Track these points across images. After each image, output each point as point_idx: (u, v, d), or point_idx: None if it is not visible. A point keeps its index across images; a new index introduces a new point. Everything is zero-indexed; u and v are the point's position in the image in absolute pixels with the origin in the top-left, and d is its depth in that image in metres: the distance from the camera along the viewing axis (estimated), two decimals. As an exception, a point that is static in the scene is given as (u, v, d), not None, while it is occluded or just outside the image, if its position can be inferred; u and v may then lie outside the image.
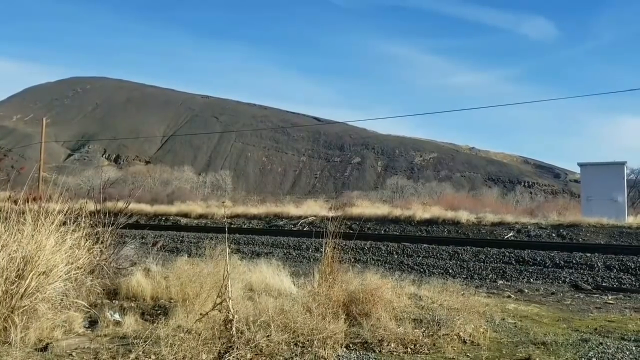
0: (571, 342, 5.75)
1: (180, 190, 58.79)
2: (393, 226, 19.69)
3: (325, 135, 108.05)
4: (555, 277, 11.49)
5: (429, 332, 5.91)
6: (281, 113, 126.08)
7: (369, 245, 15.39)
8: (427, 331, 5.95)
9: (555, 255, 12.66)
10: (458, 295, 9.15)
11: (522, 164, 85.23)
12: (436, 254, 13.99)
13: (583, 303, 8.83)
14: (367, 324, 5.79)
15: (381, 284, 6.89)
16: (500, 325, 6.61)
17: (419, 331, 5.91)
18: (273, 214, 23.68)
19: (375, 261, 14.05)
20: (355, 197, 51.45)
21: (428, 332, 5.93)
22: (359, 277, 8.02)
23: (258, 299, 6.60)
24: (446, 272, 12.67)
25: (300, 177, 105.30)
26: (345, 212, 22.16)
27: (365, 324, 5.76)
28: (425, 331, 5.94)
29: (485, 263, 12.93)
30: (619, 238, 15.07)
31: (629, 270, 11.35)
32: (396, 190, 74.30)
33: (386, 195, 62.94)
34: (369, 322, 5.91)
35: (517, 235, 16.70)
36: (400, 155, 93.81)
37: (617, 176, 17.98)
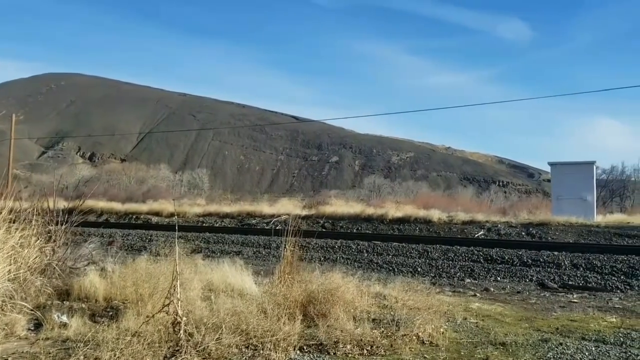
0: (531, 342, 5.65)
1: (155, 188, 58.03)
2: (366, 225, 19.59)
3: (304, 134, 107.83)
4: (523, 276, 11.48)
5: (388, 333, 5.76)
6: (259, 112, 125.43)
7: (340, 244, 15.25)
8: (386, 332, 5.80)
9: (523, 253, 12.67)
10: (422, 294, 9.06)
11: (497, 163, 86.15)
12: (406, 253, 13.91)
13: (548, 302, 8.79)
14: (324, 325, 5.63)
15: (341, 284, 6.72)
16: (462, 325, 6.49)
17: (377, 332, 5.77)
18: (246, 213, 23.41)
19: (345, 260, 13.92)
20: (332, 196, 51.37)
21: (387, 332, 5.78)
22: (324, 276, 7.86)
23: (216, 299, 6.39)
24: (415, 270, 12.58)
25: (278, 176, 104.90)
26: (318, 210, 22.01)
27: (321, 325, 5.59)
28: (384, 332, 5.80)
29: (454, 261, 12.88)
30: (587, 237, 15.17)
31: (595, 268, 11.39)
32: (373, 189, 74.41)
33: (363, 194, 63.00)
34: (326, 323, 5.75)
35: (488, 233, 16.73)
36: (378, 155, 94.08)
37: (586, 176, 18.15)
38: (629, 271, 11.04)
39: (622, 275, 10.97)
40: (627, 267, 11.19)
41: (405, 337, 5.69)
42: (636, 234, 14.70)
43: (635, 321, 6.97)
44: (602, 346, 5.54)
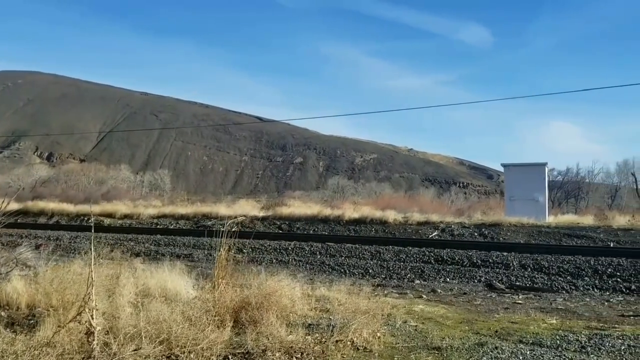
0: (467, 346, 5.53)
1: (115, 189, 56.66)
2: (322, 226, 19.41)
3: (268, 135, 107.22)
4: (471, 277, 11.47)
5: (322, 339, 5.55)
6: (223, 112, 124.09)
7: (294, 246, 15.02)
8: (321, 337, 5.59)
9: (474, 254, 12.69)
10: (367, 297, 8.91)
11: (457, 165, 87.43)
12: (359, 254, 13.77)
13: (493, 303, 8.75)
14: (254, 331, 5.38)
15: (277, 288, 6.48)
16: (400, 329, 6.33)
17: (311, 338, 5.56)
18: (202, 214, 22.92)
19: (297, 262, 13.70)
20: (296, 197, 51.07)
21: (321, 338, 5.57)
22: (261, 279, 7.62)
23: (147, 305, 6.05)
24: (366, 272, 12.44)
25: (242, 177, 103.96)
26: (275, 212, 21.72)
27: (249, 332, 5.34)
28: (318, 338, 5.59)
29: (405, 262, 12.81)
30: (538, 237, 15.35)
31: (543, 269, 11.47)
32: (337, 190, 74.35)
33: (327, 195, 62.93)
34: (257, 329, 5.50)
35: (442, 234, 16.77)
36: (342, 156, 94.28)
37: (538, 177, 18.40)
38: (575, 272, 11.15)
39: (569, 275, 11.07)
40: (574, 267, 11.30)
41: (339, 342, 5.49)
42: (585, 235, 14.95)
43: (574, 323, 6.95)
44: (538, 350, 5.45)
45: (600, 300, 9.20)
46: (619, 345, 5.53)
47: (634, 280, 10.47)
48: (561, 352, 5.37)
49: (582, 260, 11.54)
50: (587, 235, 14.90)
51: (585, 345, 5.55)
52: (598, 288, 10.32)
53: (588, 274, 10.96)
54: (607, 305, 8.60)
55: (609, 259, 11.41)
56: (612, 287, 10.28)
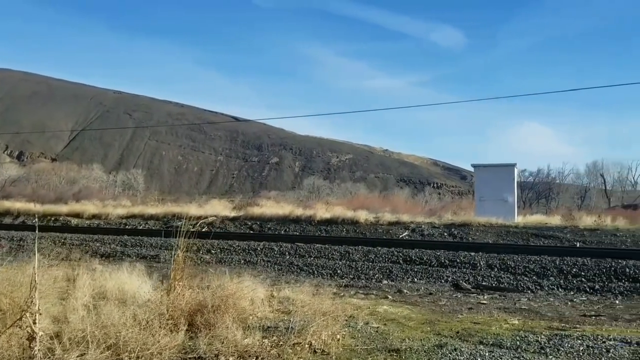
0: (427, 348, 5.45)
1: (87, 189, 55.65)
2: (294, 226, 19.26)
3: (244, 134, 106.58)
4: (439, 277, 11.46)
5: (280, 342, 5.42)
6: (198, 111, 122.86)
7: (263, 246, 14.84)
8: (278, 340, 5.45)
9: (442, 254, 12.70)
10: (332, 297, 8.81)
11: (431, 165, 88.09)
12: (328, 254, 13.67)
13: (457, 303, 8.73)
14: (206, 335, 5.21)
15: (236, 290, 6.33)
16: (361, 331, 6.22)
17: (268, 341, 5.41)
18: (172, 214, 22.56)
19: (265, 262, 13.53)
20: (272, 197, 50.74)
21: (279, 341, 5.43)
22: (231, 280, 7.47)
23: (102, 308, 5.84)
24: (335, 272, 12.35)
25: (217, 177, 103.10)
26: (247, 212, 21.50)
27: (202, 336, 5.17)
28: (275, 340, 5.45)
29: (374, 263, 12.75)
30: (506, 237, 15.46)
31: (509, 269, 11.52)
32: (313, 191, 74.26)
33: (303, 195, 62.80)
34: (211, 333, 5.34)
35: (412, 234, 16.77)
36: (318, 156, 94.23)
37: (507, 177, 18.56)
38: (540, 271, 11.22)
39: (534, 275, 11.14)
40: (540, 267, 11.37)
41: (297, 345, 5.36)
42: (552, 235, 15.10)
43: (536, 323, 6.94)
44: (497, 351, 5.39)
45: (564, 300, 9.26)
46: (577, 346, 5.51)
47: (598, 280, 10.57)
48: (520, 353, 5.33)
49: (548, 260, 11.63)
50: (554, 235, 15.05)
51: (544, 346, 5.52)
52: (562, 288, 10.39)
53: (553, 273, 11.04)
54: (570, 305, 8.65)
55: (574, 259, 11.52)
56: (577, 287, 10.37)
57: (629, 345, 5.62)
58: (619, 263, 11.02)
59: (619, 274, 10.65)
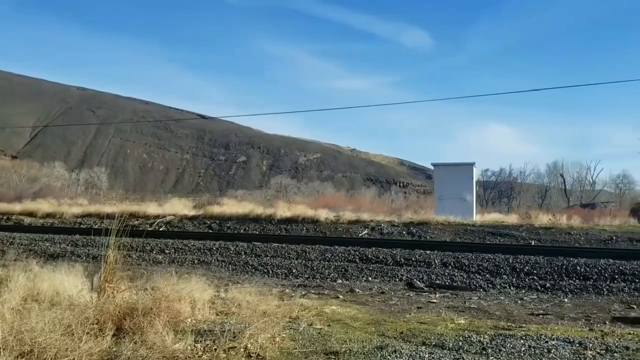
0: (367, 350, 5.28)
1: (48, 188, 54.14)
2: (253, 225, 18.97)
3: (211, 133, 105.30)
4: (393, 275, 11.38)
5: (214, 346, 5.17)
6: (164, 109, 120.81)
7: (219, 245, 14.53)
8: (212, 344, 5.20)
9: (398, 252, 12.62)
10: (281, 298, 8.60)
11: (398, 165, 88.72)
12: (284, 254, 13.45)
13: (408, 302, 8.63)
14: (132, 341, 4.93)
15: (169, 292, 6.05)
16: (303, 333, 6.02)
17: (200, 345, 5.16)
18: (129, 213, 21.95)
19: (220, 262, 13.24)
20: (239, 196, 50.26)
21: (212, 345, 5.19)
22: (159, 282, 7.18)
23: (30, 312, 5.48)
24: (290, 272, 12.14)
25: (183, 176, 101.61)
26: (206, 211, 21.10)
27: (127, 342, 4.89)
28: (209, 345, 5.20)
29: (330, 262, 12.59)
30: (463, 235, 15.51)
31: (463, 267, 11.51)
32: (280, 190, 73.96)
33: (270, 195, 62.45)
34: (140, 338, 5.06)
35: (371, 233, 16.70)
36: (285, 155, 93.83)
37: (466, 176, 18.67)
38: (494, 270, 11.24)
39: (488, 273, 11.15)
40: (493, 265, 11.39)
41: (231, 350, 5.13)
42: (508, 233, 15.22)
43: (483, 322, 6.87)
44: (438, 352, 5.26)
45: (514, 298, 9.26)
46: (519, 347, 5.42)
47: (549, 278, 10.64)
48: (461, 354, 5.21)
49: (502, 258, 11.66)
50: (510, 233, 15.17)
51: (486, 347, 5.42)
52: (514, 286, 10.42)
53: (506, 272, 11.07)
54: (519, 304, 8.64)
55: (527, 257, 11.59)
56: (528, 285, 10.41)
57: (570, 345, 5.56)
58: (570, 261, 11.12)
59: (570, 272, 10.74)
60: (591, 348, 5.37)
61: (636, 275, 10.28)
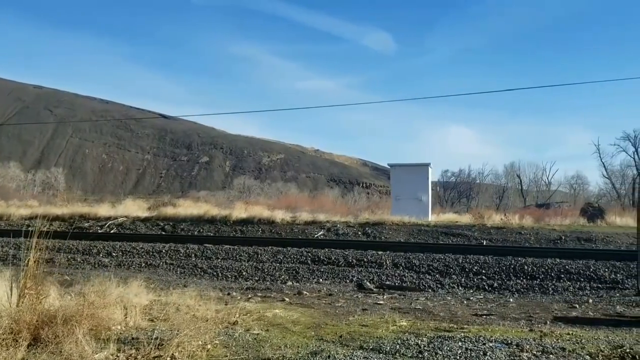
0: (300, 356, 5.10)
1: (3, 189, 52.20)
2: (208, 226, 18.57)
3: (172, 133, 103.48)
4: (344, 277, 11.27)
5: (138, 355, 4.90)
6: (125, 108, 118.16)
7: (168, 248, 14.13)
8: (137, 354, 4.93)
9: (350, 253, 12.51)
10: (225, 301, 8.36)
11: (361, 166, 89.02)
12: (236, 256, 13.18)
13: (354, 304, 8.49)
14: (47, 350, 4.63)
15: (94, 299, 5.73)
16: (238, 339, 5.79)
17: (124, 355, 4.89)
18: (79, 215, 21.26)
19: (168, 265, 12.89)
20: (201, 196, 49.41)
21: (137, 354, 4.92)
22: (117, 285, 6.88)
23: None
24: (240, 274, 11.90)
25: (144, 176, 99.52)
26: (160, 212, 20.58)
27: (39, 352, 4.58)
28: (133, 354, 4.92)
29: (282, 263, 12.39)
30: (417, 236, 15.53)
31: (414, 267, 11.48)
32: (243, 190, 73.27)
33: (233, 195, 61.76)
34: (55, 348, 4.76)
35: (327, 233, 16.56)
36: (249, 156, 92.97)
37: (422, 176, 18.73)
38: (444, 269, 11.24)
39: (437, 274, 11.14)
40: (443, 265, 11.39)
41: (158, 358, 4.87)
42: (460, 233, 15.31)
43: (425, 324, 6.78)
44: (374, 356, 5.12)
45: (461, 298, 9.24)
46: (456, 349, 5.33)
47: (497, 278, 10.69)
48: (397, 358, 5.09)
49: (452, 258, 11.68)
50: (462, 233, 15.26)
51: (423, 350, 5.31)
52: (463, 286, 10.43)
53: (456, 271, 11.09)
54: (465, 304, 8.61)
55: (477, 257, 11.63)
56: (476, 285, 10.44)
57: (508, 347, 5.50)
58: (518, 261, 11.21)
59: (517, 271, 10.82)
60: (528, 350, 5.32)
61: (581, 275, 10.43)
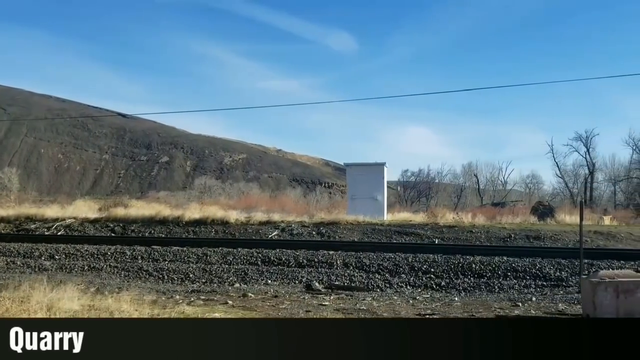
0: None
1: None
2: (160, 227, 18.06)
3: (132, 132, 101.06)
4: (294, 277, 11.10)
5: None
6: (82, 107, 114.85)
7: (114, 250, 13.66)
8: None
9: (301, 254, 12.34)
10: (163, 306, 8.06)
11: (323, 166, 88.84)
12: (184, 258, 12.84)
13: (299, 306, 8.31)
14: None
15: (8, 306, 5.39)
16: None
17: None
18: (25, 217, 20.42)
19: (112, 268, 12.46)
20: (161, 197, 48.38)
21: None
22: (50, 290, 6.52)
23: None
24: (187, 277, 11.59)
25: (102, 177, 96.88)
26: (110, 213, 19.94)
27: None
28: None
29: (231, 265, 12.14)
30: (371, 235, 15.46)
31: (364, 267, 11.40)
32: (204, 191, 72.05)
33: (194, 196, 60.72)
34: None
35: (281, 234, 16.32)
36: (210, 156, 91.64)
37: (377, 176, 18.70)
38: (393, 269, 11.19)
39: (387, 273, 11.08)
40: (393, 264, 11.34)
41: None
42: (413, 232, 15.32)
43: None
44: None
45: (408, 298, 9.17)
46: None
47: (445, 277, 10.70)
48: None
49: (402, 257, 11.63)
50: (415, 232, 15.27)
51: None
52: (411, 285, 10.40)
53: (405, 271, 11.05)
54: (410, 304, 8.54)
55: (426, 256, 11.61)
56: (424, 284, 10.41)
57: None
58: (467, 259, 11.24)
59: (465, 270, 10.85)
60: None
61: (527, 272, 10.53)
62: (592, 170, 44.92)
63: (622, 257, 11.14)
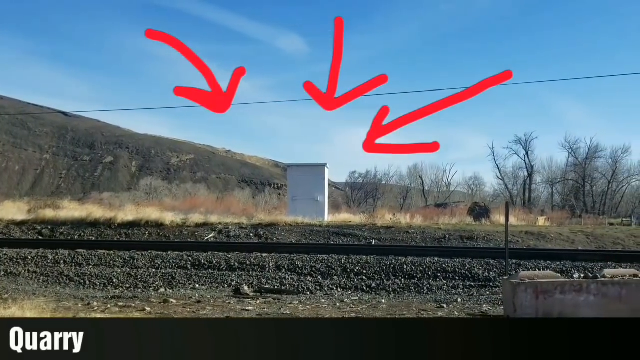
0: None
1: None
2: (90, 230, 17.25)
3: (74, 131, 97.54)
4: (223, 281, 10.75)
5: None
6: (21, 104, 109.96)
7: (35, 254, 12.89)
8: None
9: (233, 257, 11.99)
10: (75, 312, 7.62)
11: (273, 167, 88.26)
12: (110, 262, 12.25)
13: (221, 312, 7.99)
14: None
15: None
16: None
17: None
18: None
19: (31, 273, 11.76)
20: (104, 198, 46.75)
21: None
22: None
23: None
24: (110, 282, 11.05)
25: (42, 177, 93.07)
26: (38, 215, 18.94)
27: None
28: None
29: (159, 269, 11.66)
30: (309, 236, 15.24)
31: (296, 269, 11.17)
32: (150, 192, 70.35)
33: (139, 197, 59.12)
34: None
35: (218, 236, 15.87)
36: (157, 156, 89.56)
37: (318, 177, 18.52)
38: (326, 271, 11.02)
39: (320, 275, 10.90)
40: (326, 266, 11.17)
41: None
42: (351, 233, 15.20)
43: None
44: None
45: (336, 300, 8.99)
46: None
47: (377, 278, 10.60)
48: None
49: (336, 259, 11.47)
50: (353, 233, 15.16)
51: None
52: (342, 287, 10.24)
53: (337, 272, 10.89)
54: (337, 307, 8.36)
55: (360, 257, 11.50)
56: (355, 286, 10.28)
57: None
58: (399, 260, 11.18)
59: (397, 271, 10.79)
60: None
61: (456, 273, 10.55)
62: (530, 173, 46.35)
63: (549, 258, 11.35)
